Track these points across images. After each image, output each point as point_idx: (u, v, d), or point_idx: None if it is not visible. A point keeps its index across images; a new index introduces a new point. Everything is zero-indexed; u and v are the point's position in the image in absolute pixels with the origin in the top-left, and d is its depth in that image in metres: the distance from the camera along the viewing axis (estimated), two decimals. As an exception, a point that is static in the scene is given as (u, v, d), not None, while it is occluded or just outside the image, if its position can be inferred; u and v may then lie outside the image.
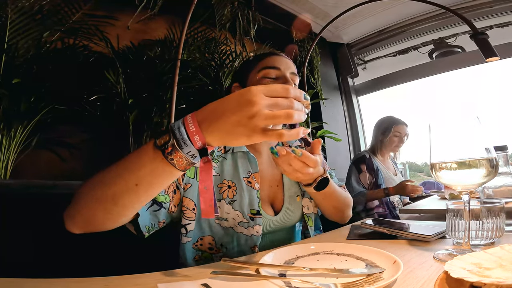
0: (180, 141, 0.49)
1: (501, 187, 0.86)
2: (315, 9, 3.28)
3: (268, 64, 0.92)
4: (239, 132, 0.48)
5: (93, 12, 2.08)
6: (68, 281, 0.54)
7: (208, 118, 0.50)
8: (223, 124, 0.48)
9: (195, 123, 0.49)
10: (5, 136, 1.60)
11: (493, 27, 3.12)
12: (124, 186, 0.54)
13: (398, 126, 2.34)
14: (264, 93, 0.49)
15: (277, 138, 0.49)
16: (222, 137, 0.49)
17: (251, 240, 0.86)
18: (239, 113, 0.47)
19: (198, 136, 0.49)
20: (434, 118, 0.62)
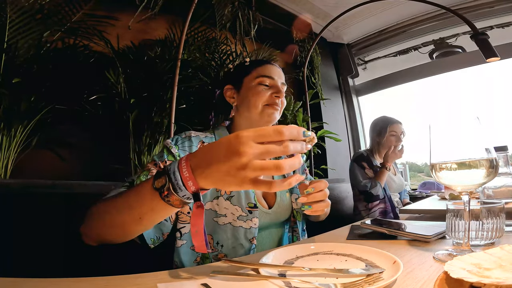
0: (175, 186, 0.51)
1: (501, 188, 0.86)
2: (315, 9, 3.29)
3: (264, 72, 0.99)
4: (229, 181, 0.48)
5: (93, 12, 2.08)
6: (68, 280, 0.54)
7: (200, 165, 0.50)
8: (214, 172, 0.48)
9: (189, 168, 0.50)
10: (5, 136, 1.60)
11: (494, 27, 3.12)
12: (129, 218, 0.59)
13: (393, 126, 2.33)
14: (254, 139, 0.47)
15: (267, 189, 0.48)
16: (214, 183, 0.50)
17: (250, 233, 0.89)
18: (228, 164, 0.47)
19: (191, 182, 0.50)
20: (434, 118, 0.63)
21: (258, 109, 0.97)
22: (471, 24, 2.32)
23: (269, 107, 0.97)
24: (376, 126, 2.40)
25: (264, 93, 0.97)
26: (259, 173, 0.47)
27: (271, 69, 1.01)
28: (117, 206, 0.62)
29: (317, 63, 3.56)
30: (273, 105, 0.97)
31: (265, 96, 0.97)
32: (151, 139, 2.06)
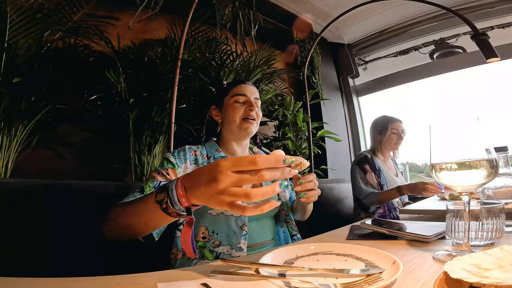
0: (173, 201, 0.60)
1: (501, 188, 0.86)
2: (316, 9, 3.29)
3: (238, 91, 1.17)
4: (212, 203, 0.56)
5: (94, 12, 2.08)
6: (68, 280, 0.54)
7: (191, 186, 0.58)
8: (200, 194, 0.57)
9: (182, 187, 0.59)
10: (6, 135, 1.60)
11: (494, 27, 3.12)
12: (137, 222, 0.71)
13: (394, 124, 2.34)
14: (231, 168, 0.53)
15: (240, 213, 0.55)
16: (202, 202, 0.58)
17: (240, 220, 1.00)
18: (208, 189, 0.54)
19: (184, 199, 0.59)
20: (435, 119, 0.62)
21: (236, 123, 1.13)
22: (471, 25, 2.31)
23: (245, 121, 1.13)
24: (377, 125, 2.40)
25: (239, 109, 1.14)
26: (234, 199, 0.53)
27: (244, 88, 1.18)
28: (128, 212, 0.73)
29: (318, 63, 3.56)
30: (248, 119, 1.13)
31: (240, 111, 1.14)
32: (151, 139, 2.06)
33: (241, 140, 1.19)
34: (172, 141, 1.98)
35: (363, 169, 2.23)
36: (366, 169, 2.23)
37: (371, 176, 2.20)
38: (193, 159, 1.11)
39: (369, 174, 2.21)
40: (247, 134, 1.15)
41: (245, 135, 1.16)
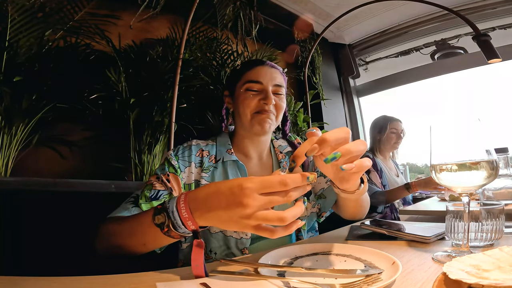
0: (175, 224, 0.54)
1: (501, 189, 0.86)
2: (317, 10, 3.28)
3: (251, 77, 0.94)
4: (230, 226, 0.51)
5: (95, 11, 2.08)
6: (68, 279, 0.54)
7: (200, 208, 0.52)
8: (214, 217, 0.51)
9: (187, 209, 0.52)
10: (6, 134, 1.60)
11: (496, 28, 3.12)
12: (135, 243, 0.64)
13: (393, 123, 2.35)
14: (258, 191, 0.48)
15: (269, 235, 0.50)
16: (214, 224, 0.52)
17: (241, 243, 0.87)
18: (230, 213, 0.49)
19: (190, 222, 0.53)
20: (435, 119, 0.62)
21: (247, 117, 0.93)
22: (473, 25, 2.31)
23: (258, 114, 0.92)
24: (376, 125, 2.41)
25: (251, 100, 0.92)
26: (261, 222, 0.49)
27: (260, 72, 0.94)
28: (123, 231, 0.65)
29: (318, 63, 3.56)
30: (263, 112, 0.92)
31: (252, 104, 0.92)
32: (152, 138, 2.06)
33: (256, 137, 0.98)
34: (172, 141, 1.98)
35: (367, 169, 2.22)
36: (369, 169, 2.22)
37: (375, 175, 2.20)
38: (199, 161, 0.94)
39: (372, 173, 2.21)
40: (262, 132, 0.93)
41: (260, 133, 0.94)
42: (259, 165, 1.01)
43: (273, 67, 0.98)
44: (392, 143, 2.35)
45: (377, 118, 2.47)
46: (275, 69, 0.98)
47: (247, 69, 0.97)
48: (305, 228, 0.99)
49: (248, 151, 1.00)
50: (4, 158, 1.59)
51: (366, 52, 4.03)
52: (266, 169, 1.02)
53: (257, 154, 1.02)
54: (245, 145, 0.99)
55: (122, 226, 0.66)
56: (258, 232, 0.50)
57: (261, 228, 0.50)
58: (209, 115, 2.31)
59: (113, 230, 0.68)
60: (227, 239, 0.87)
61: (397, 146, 2.39)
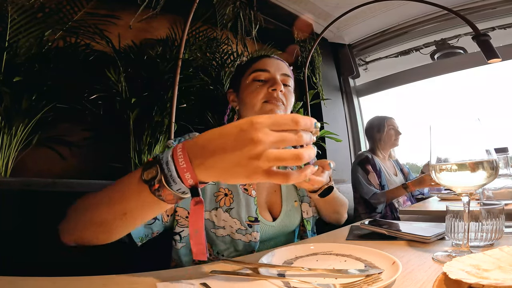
0: (169, 178, 0.45)
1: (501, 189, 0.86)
2: (317, 10, 3.28)
3: (258, 66, 0.92)
4: (238, 173, 0.43)
5: (95, 11, 2.08)
6: (67, 279, 0.54)
7: (201, 154, 0.44)
8: (218, 162, 0.43)
9: (186, 157, 0.44)
10: (6, 134, 1.60)
11: (496, 28, 3.12)
12: (112, 215, 0.52)
13: (389, 120, 2.41)
14: (269, 126, 0.42)
15: (282, 180, 0.44)
16: (218, 176, 0.44)
17: (249, 246, 0.84)
18: (238, 153, 0.41)
19: (189, 174, 0.44)
20: (435, 119, 0.62)
21: (256, 107, 0.88)
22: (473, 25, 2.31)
23: (267, 103, 0.88)
24: (373, 124, 2.44)
25: (259, 89, 0.88)
26: (274, 164, 0.42)
27: (266, 62, 0.92)
28: (99, 201, 0.55)
29: (318, 63, 3.56)
30: (272, 101, 0.88)
31: (261, 92, 0.88)
32: (152, 138, 2.06)
33: None
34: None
35: (365, 169, 2.24)
36: (368, 170, 2.24)
37: (373, 176, 2.22)
38: None
39: (371, 174, 2.22)
40: None
41: None
42: None
43: (279, 59, 0.97)
44: (392, 140, 2.38)
45: (371, 119, 2.51)
46: (281, 61, 0.97)
47: (253, 61, 0.95)
48: (309, 228, 0.99)
49: None
50: (4, 158, 1.59)
51: (366, 52, 4.03)
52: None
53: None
54: None
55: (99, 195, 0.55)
56: (270, 177, 0.43)
57: (273, 172, 0.43)
58: (209, 115, 2.31)
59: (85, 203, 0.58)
60: (235, 242, 0.83)
61: (397, 143, 2.41)
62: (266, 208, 0.94)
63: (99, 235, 0.57)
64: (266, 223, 0.89)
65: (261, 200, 0.93)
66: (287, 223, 0.94)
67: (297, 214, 0.97)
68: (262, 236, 0.87)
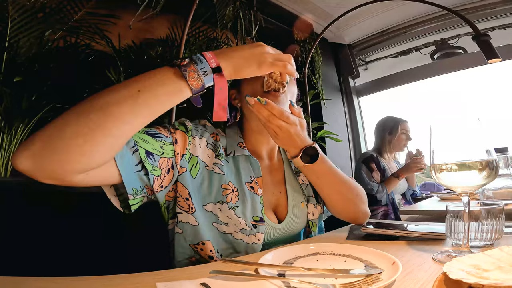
0: (196, 60, 0.57)
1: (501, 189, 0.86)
2: (317, 10, 3.28)
3: None
4: (252, 60, 0.62)
5: (95, 11, 2.08)
6: (68, 279, 0.54)
7: (224, 51, 0.61)
8: (238, 54, 0.61)
9: (212, 53, 0.59)
10: (6, 134, 1.60)
11: (495, 28, 3.12)
12: (123, 93, 0.51)
13: (403, 124, 2.39)
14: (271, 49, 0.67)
15: (282, 68, 0.66)
16: (235, 63, 0.60)
17: (251, 248, 0.81)
18: (251, 49, 0.63)
19: (213, 60, 0.58)
20: (435, 120, 0.63)
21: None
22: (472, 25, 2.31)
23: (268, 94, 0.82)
24: (386, 125, 2.42)
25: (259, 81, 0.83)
26: (275, 56, 0.66)
27: None
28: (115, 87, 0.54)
29: (318, 63, 3.55)
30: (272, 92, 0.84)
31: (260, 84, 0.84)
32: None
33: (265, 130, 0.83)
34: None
35: (370, 167, 2.26)
36: (372, 168, 2.26)
37: (377, 174, 2.24)
38: (212, 143, 0.86)
39: (375, 172, 2.24)
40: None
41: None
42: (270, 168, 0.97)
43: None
44: (401, 145, 2.38)
45: (385, 119, 2.48)
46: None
47: None
48: (315, 230, 0.97)
49: (259, 147, 0.94)
50: (4, 158, 1.59)
51: (366, 52, 4.03)
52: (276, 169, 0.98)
53: (267, 152, 0.97)
54: (256, 140, 0.93)
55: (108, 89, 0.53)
56: (274, 65, 0.66)
57: (276, 62, 0.65)
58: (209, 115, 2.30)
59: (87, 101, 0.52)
60: (236, 242, 0.81)
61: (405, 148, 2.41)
62: (271, 209, 0.91)
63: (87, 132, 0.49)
64: (272, 225, 0.87)
65: (266, 201, 0.90)
66: (292, 225, 0.91)
67: (303, 216, 0.94)
68: (266, 238, 0.84)
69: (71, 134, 0.49)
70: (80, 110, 0.51)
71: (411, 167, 2.16)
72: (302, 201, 0.95)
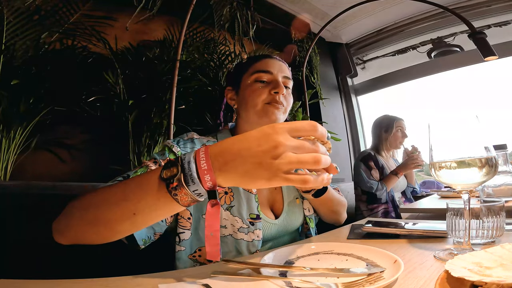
0: (188, 178, 0.45)
1: (501, 186, 0.86)
2: (314, 9, 3.28)
3: (260, 67, 0.92)
4: (258, 175, 0.44)
5: (91, 13, 2.07)
6: (69, 282, 0.54)
7: (223, 156, 0.45)
8: (240, 164, 0.44)
9: (208, 160, 0.45)
10: (5, 138, 1.60)
11: (491, 26, 3.13)
12: (120, 215, 0.51)
13: (398, 122, 2.42)
14: (289, 132, 0.45)
15: (301, 184, 0.46)
16: (237, 179, 0.45)
17: (252, 245, 0.83)
18: (260, 154, 0.43)
19: (209, 176, 0.45)
20: (433, 117, 0.63)
21: (257, 108, 0.89)
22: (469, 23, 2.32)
23: (269, 105, 0.88)
24: (382, 123, 2.44)
25: (262, 90, 0.89)
26: (294, 166, 0.44)
27: (268, 63, 0.92)
28: (108, 198, 0.53)
29: (316, 62, 3.56)
30: (274, 103, 0.88)
31: (263, 94, 0.88)
32: (151, 140, 2.06)
33: None
34: (171, 142, 1.97)
35: (368, 166, 2.27)
36: (371, 166, 2.27)
37: (376, 172, 2.26)
38: None
39: (374, 170, 2.26)
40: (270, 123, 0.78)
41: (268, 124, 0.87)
42: None
43: (281, 60, 0.97)
44: (397, 142, 2.40)
45: (381, 117, 2.51)
46: (283, 63, 0.97)
47: (254, 60, 0.95)
48: (313, 226, 0.99)
49: None
50: (3, 162, 1.58)
51: (363, 51, 4.04)
52: None
53: None
54: None
55: (109, 192, 0.54)
56: (289, 181, 0.44)
57: (292, 176, 0.45)
58: (207, 116, 2.31)
59: (92, 199, 0.55)
60: (237, 242, 0.82)
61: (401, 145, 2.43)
62: (268, 206, 0.93)
63: (101, 235, 0.55)
64: (269, 221, 0.89)
65: (262, 198, 0.92)
66: (290, 220, 0.93)
67: (299, 212, 0.96)
68: (265, 235, 0.86)
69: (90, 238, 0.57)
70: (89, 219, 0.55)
71: (408, 164, 2.19)
72: (297, 198, 0.97)
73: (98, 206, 0.54)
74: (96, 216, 0.53)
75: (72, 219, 0.56)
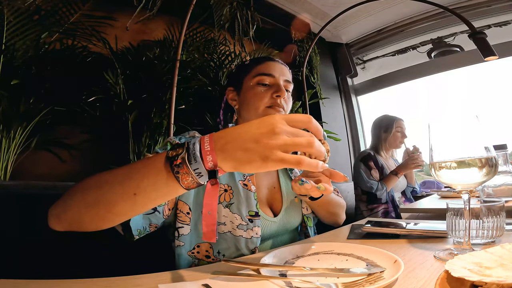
0: (191, 156, 0.48)
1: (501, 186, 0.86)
2: (314, 9, 3.28)
3: (262, 70, 0.93)
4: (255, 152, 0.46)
5: (91, 13, 2.07)
6: (70, 282, 0.54)
7: (225, 137, 0.48)
8: (240, 142, 0.47)
9: (211, 142, 0.48)
10: (5, 137, 1.60)
11: (492, 26, 3.13)
12: (121, 194, 0.52)
13: (398, 122, 2.41)
14: (286, 121, 0.48)
15: (295, 165, 0.47)
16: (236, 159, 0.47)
17: (251, 242, 0.83)
18: (258, 135, 0.46)
19: (211, 156, 0.47)
20: (433, 117, 0.63)
21: (259, 111, 0.90)
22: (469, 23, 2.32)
23: (271, 109, 0.90)
24: (382, 123, 2.44)
25: (263, 94, 0.91)
26: (289, 148, 0.46)
27: (271, 66, 0.94)
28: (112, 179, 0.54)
29: (316, 62, 3.56)
30: (275, 107, 0.90)
31: (265, 97, 0.90)
32: (151, 140, 2.06)
33: None
34: (171, 142, 1.97)
35: (368, 166, 2.28)
36: (371, 166, 2.27)
37: (376, 172, 2.26)
38: None
39: (373, 170, 2.26)
40: None
41: None
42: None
43: (283, 64, 0.99)
44: (397, 142, 2.40)
45: (381, 117, 2.51)
46: (285, 66, 0.98)
47: (257, 63, 0.96)
48: (311, 224, 0.99)
49: None
50: (3, 161, 1.59)
51: (363, 51, 4.04)
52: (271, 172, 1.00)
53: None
54: None
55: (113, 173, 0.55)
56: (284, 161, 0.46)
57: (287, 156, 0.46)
58: (207, 116, 2.31)
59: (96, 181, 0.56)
60: (236, 239, 0.83)
61: (401, 145, 2.43)
62: (267, 204, 0.94)
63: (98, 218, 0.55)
64: (268, 219, 0.89)
65: (261, 196, 0.93)
66: (288, 219, 0.94)
67: (298, 210, 0.97)
68: (264, 232, 0.87)
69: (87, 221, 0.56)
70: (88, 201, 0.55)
71: (408, 164, 2.19)
72: (295, 196, 0.98)
73: (101, 186, 0.54)
74: (97, 198, 0.54)
75: (71, 201, 0.57)
